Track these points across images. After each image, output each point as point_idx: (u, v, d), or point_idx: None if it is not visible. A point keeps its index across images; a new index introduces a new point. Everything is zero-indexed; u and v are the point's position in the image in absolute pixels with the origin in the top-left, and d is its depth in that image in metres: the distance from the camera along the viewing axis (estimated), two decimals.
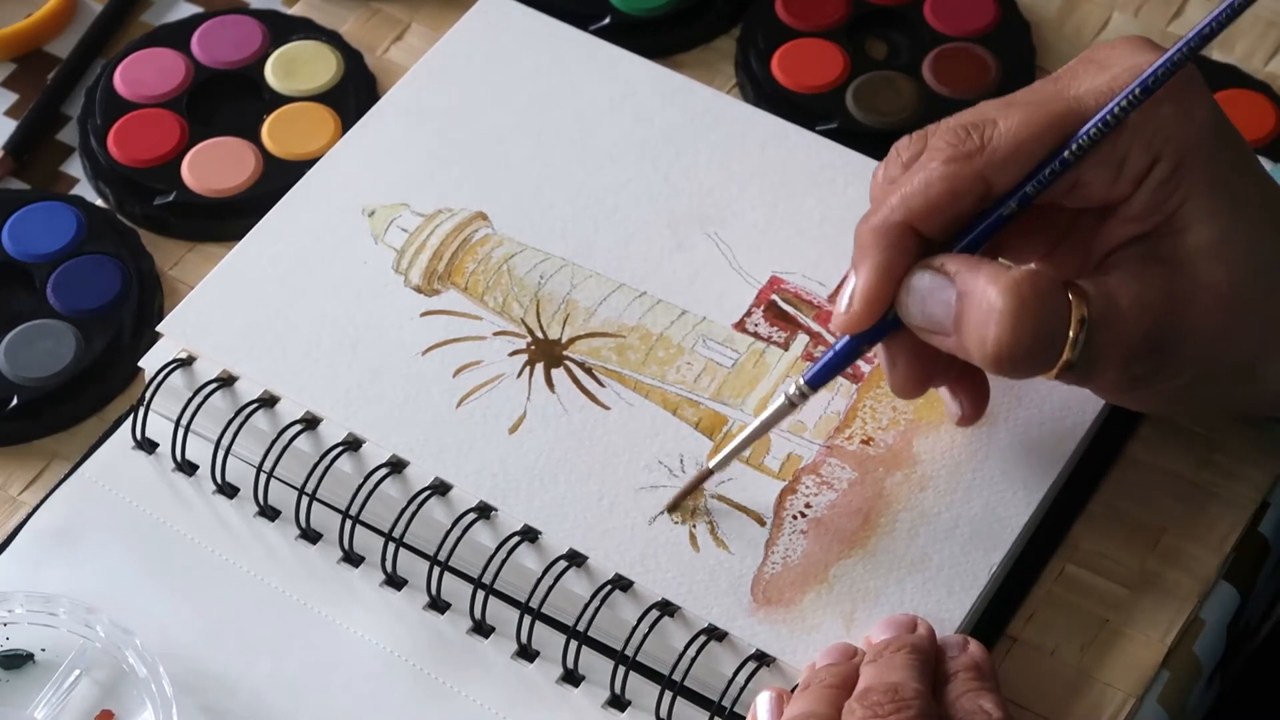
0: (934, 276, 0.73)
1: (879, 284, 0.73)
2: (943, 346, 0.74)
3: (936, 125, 0.74)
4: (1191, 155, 0.72)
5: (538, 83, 0.90)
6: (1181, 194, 0.72)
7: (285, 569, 0.80)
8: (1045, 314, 0.71)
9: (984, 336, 0.71)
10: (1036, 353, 0.72)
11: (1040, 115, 0.73)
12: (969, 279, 0.72)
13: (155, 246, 0.90)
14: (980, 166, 0.73)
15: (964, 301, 0.72)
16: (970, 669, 0.73)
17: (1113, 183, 0.73)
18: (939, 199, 0.73)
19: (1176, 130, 0.72)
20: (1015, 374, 0.73)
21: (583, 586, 0.77)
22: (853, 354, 0.76)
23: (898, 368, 0.76)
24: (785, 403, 0.77)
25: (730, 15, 0.97)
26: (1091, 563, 0.80)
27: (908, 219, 0.73)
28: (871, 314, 0.74)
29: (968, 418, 0.79)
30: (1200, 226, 0.73)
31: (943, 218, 0.73)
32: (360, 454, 0.80)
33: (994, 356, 0.71)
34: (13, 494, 0.83)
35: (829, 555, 0.77)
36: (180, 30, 0.96)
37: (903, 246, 0.73)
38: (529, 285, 0.84)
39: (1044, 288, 0.71)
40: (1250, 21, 0.97)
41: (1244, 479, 0.82)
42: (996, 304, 0.71)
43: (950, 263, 0.73)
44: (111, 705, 0.77)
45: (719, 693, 0.75)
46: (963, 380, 0.78)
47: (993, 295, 0.71)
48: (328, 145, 0.91)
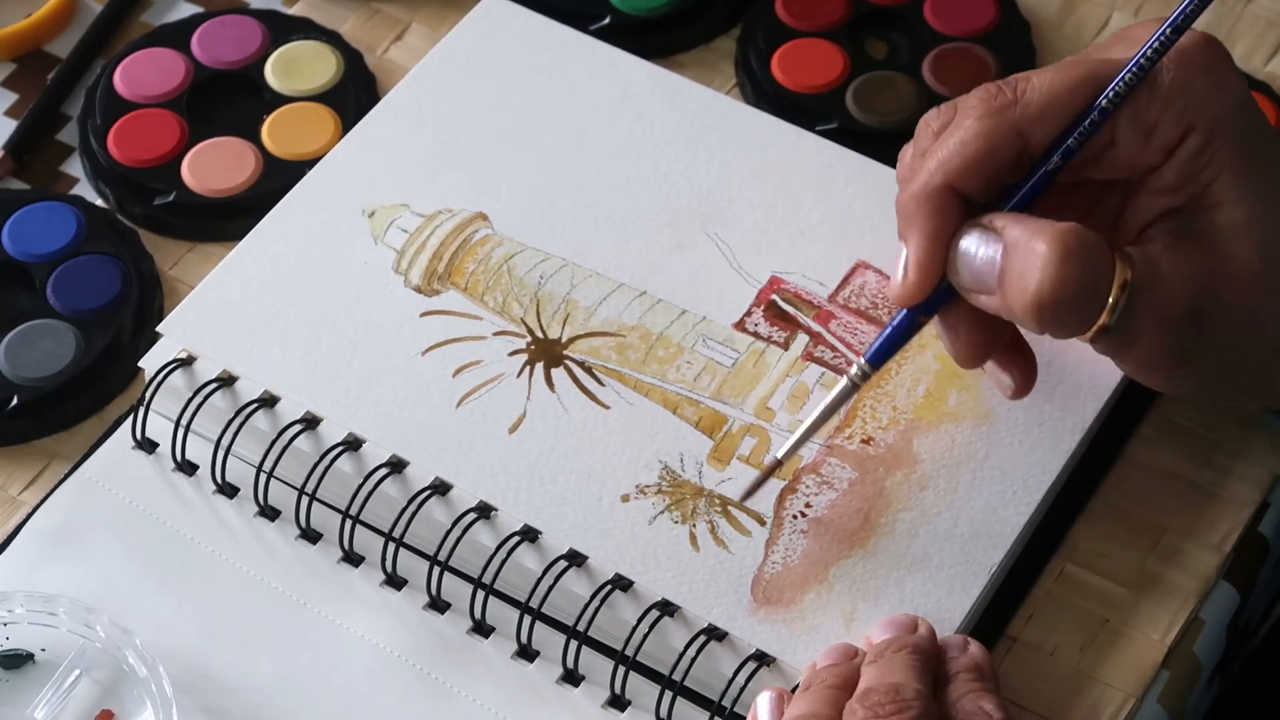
0: (982, 233, 0.72)
1: (929, 249, 0.73)
2: (987, 306, 0.73)
3: (966, 94, 0.74)
4: (1224, 130, 0.72)
5: (538, 84, 0.90)
6: (1214, 169, 0.72)
7: (285, 569, 0.80)
8: (1089, 266, 0.71)
9: (1026, 287, 0.71)
10: (1079, 306, 0.71)
11: (1074, 70, 0.73)
12: (1015, 231, 0.71)
13: (155, 246, 0.90)
14: (1015, 119, 0.72)
15: (1009, 253, 0.71)
16: (971, 669, 0.73)
17: (1142, 147, 0.73)
18: (976, 156, 0.73)
19: (1209, 104, 0.72)
20: (1055, 327, 0.72)
21: (583, 586, 0.77)
22: (912, 327, 0.75)
23: (960, 337, 0.75)
24: (848, 384, 0.76)
25: (730, 15, 0.97)
26: (1091, 563, 0.80)
27: (948, 180, 0.73)
28: (927, 282, 0.73)
29: (1020, 389, 0.78)
30: (1232, 205, 0.73)
31: (982, 175, 0.73)
32: (360, 454, 0.80)
33: (1034, 306, 0.71)
34: (13, 494, 0.83)
35: (829, 555, 0.77)
36: (180, 30, 0.96)
37: (947, 209, 0.73)
38: (529, 285, 0.84)
39: (1091, 240, 0.71)
40: (1250, 21, 0.97)
41: (1244, 479, 0.82)
42: (1042, 251, 0.70)
43: (998, 219, 0.72)
44: (111, 705, 0.77)
45: (719, 693, 0.75)
46: (1011, 352, 0.77)
47: (1039, 245, 0.70)
48: (328, 145, 0.91)
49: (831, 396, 0.76)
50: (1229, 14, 0.98)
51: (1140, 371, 0.76)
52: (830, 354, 0.82)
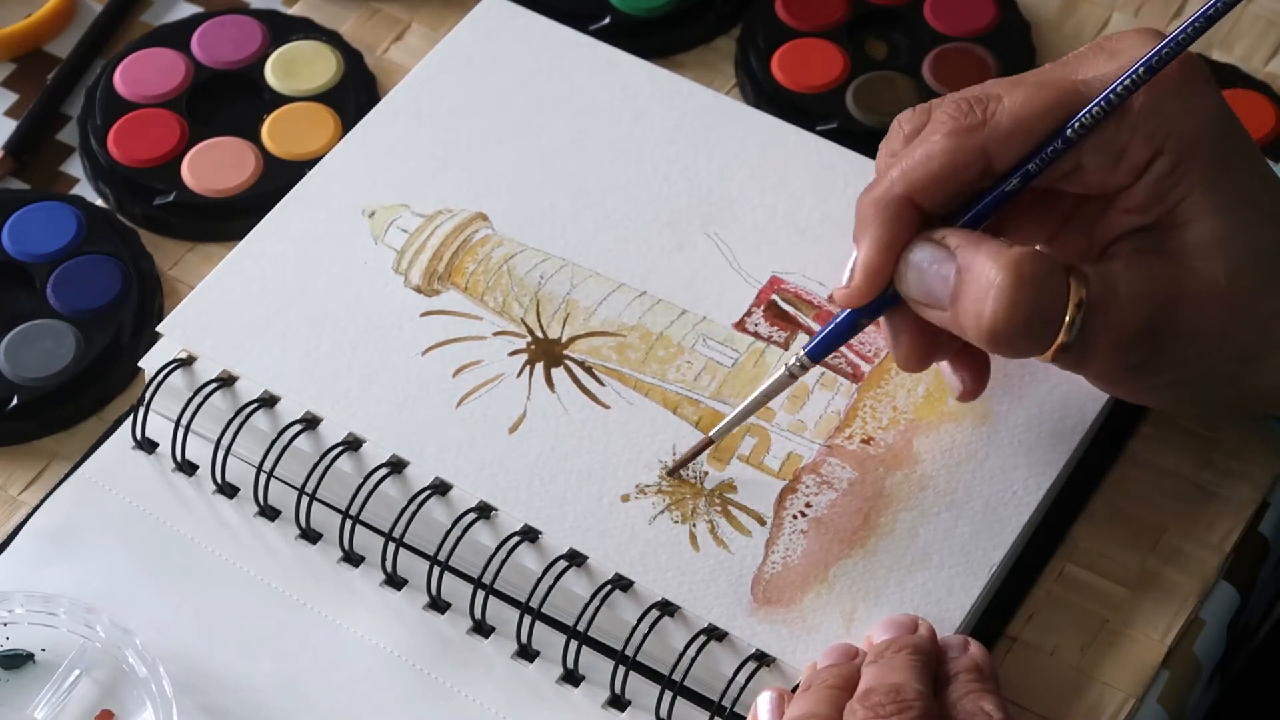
0: (934, 250, 0.73)
1: (879, 257, 0.73)
2: (938, 321, 0.74)
3: (940, 99, 0.74)
4: (1194, 151, 0.72)
5: (538, 84, 0.90)
6: (1183, 189, 0.73)
7: (285, 569, 0.80)
8: (1043, 293, 0.71)
9: (980, 312, 0.71)
10: (1032, 331, 0.72)
11: (1045, 94, 0.73)
12: (969, 254, 0.72)
13: (155, 246, 0.90)
14: (982, 140, 0.73)
15: (962, 276, 0.72)
16: (971, 670, 0.73)
17: (1111, 170, 0.73)
18: (940, 172, 0.73)
19: (1179, 125, 0.72)
20: (1010, 352, 0.73)
21: (583, 586, 0.77)
22: (853, 328, 0.76)
23: (901, 342, 0.76)
24: (785, 374, 0.77)
25: (730, 15, 0.97)
26: (1091, 563, 0.80)
27: (908, 192, 0.73)
28: (872, 287, 0.74)
29: (969, 392, 0.78)
30: (1201, 222, 0.73)
31: (943, 191, 0.73)
32: (360, 454, 0.80)
33: (989, 332, 0.71)
34: (13, 494, 0.83)
35: (829, 555, 0.77)
36: (180, 30, 0.96)
37: (903, 219, 0.73)
38: (529, 285, 0.84)
39: (1043, 267, 0.71)
40: (1250, 21, 0.97)
41: (1244, 479, 0.82)
42: (995, 279, 0.71)
43: (951, 236, 0.73)
44: (111, 705, 0.77)
45: (719, 693, 0.75)
46: (963, 355, 0.78)
47: (991, 271, 0.71)
48: (328, 145, 0.91)
49: (767, 384, 0.77)
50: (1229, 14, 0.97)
51: (1102, 385, 0.77)
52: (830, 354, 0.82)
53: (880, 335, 0.83)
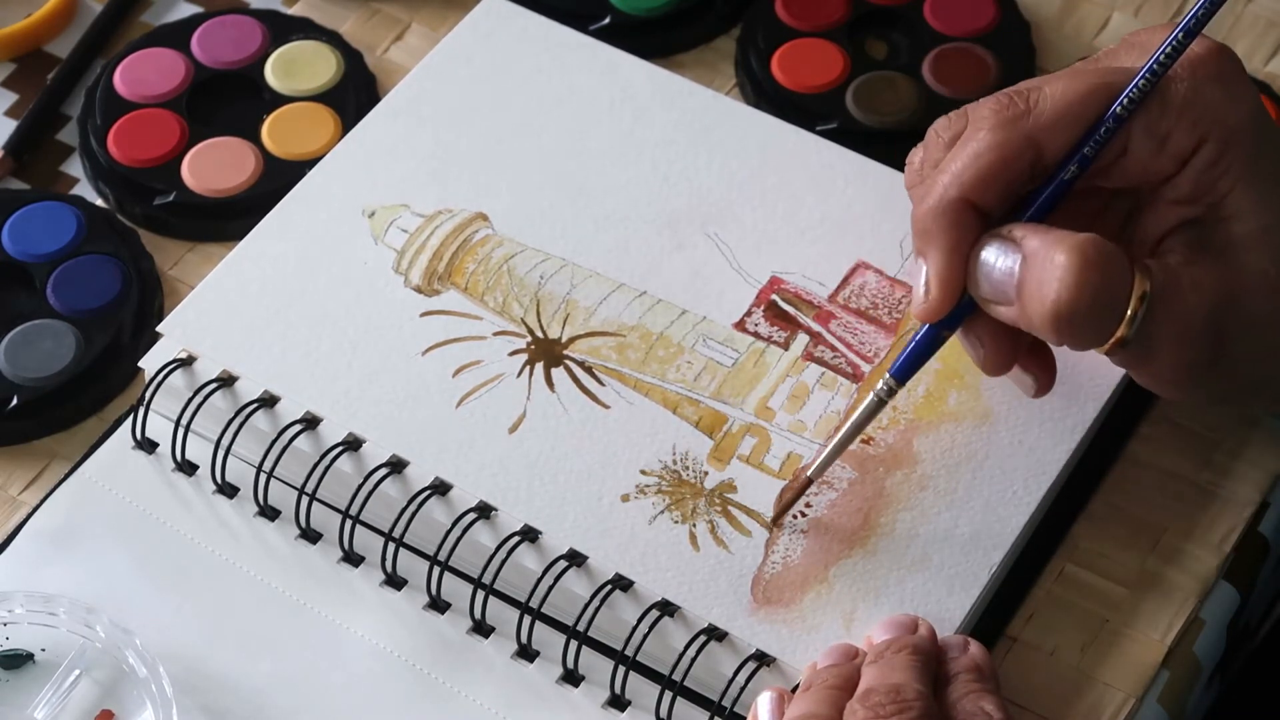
0: (1001, 244, 0.72)
1: (950, 264, 0.73)
2: (1004, 318, 0.73)
3: (976, 103, 0.74)
4: (1238, 140, 0.72)
5: (538, 84, 0.90)
6: (1230, 179, 0.72)
7: (285, 569, 0.80)
8: (1108, 276, 0.70)
9: (1045, 296, 0.70)
10: (1096, 317, 0.71)
11: (1085, 79, 0.73)
12: (1034, 241, 0.71)
13: (155, 246, 0.90)
14: (1029, 129, 0.72)
15: (1028, 264, 0.71)
16: (971, 670, 0.73)
17: (1156, 156, 0.73)
18: (990, 168, 0.72)
19: (1223, 113, 0.72)
20: (1073, 339, 0.72)
21: (583, 586, 0.77)
22: (935, 342, 0.75)
23: (985, 348, 0.75)
24: (875, 400, 0.76)
25: (730, 15, 0.97)
26: (1091, 563, 0.80)
27: (963, 194, 0.73)
28: (950, 297, 0.73)
29: (1043, 388, 0.77)
30: (1248, 214, 0.73)
31: (997, 187, 0.73)
32: (360, 454, 0.80)
33: (1053, 315, 0.71)
34: (13, 494, 0.83)
35: (829, 555, 0.77)
36: (180, 30, 0.96)
37: (964, 223, 0.73)
38: (529, 285, 0.84)
39: (1110, 251, 0.71)
40: (1250, 21, 0.97)
41: (1244, 479, 0.82)
42: (1061, 261, 0.70)
43: (1018, 229, 0.72)
44: (111, 705, 0.77)
45: (719, 693, 0.75)
46: (1031, 352, 0.77)
47: (1058, 254, 0.70)
48: (328, 145, 0.91)
49: (859, 412, 0.76)
50: (1229, 14, 0.98)
51: (1159, 384, 0.76)
52: (830, 354, 0.82)
53: (882, 335, 0.83)
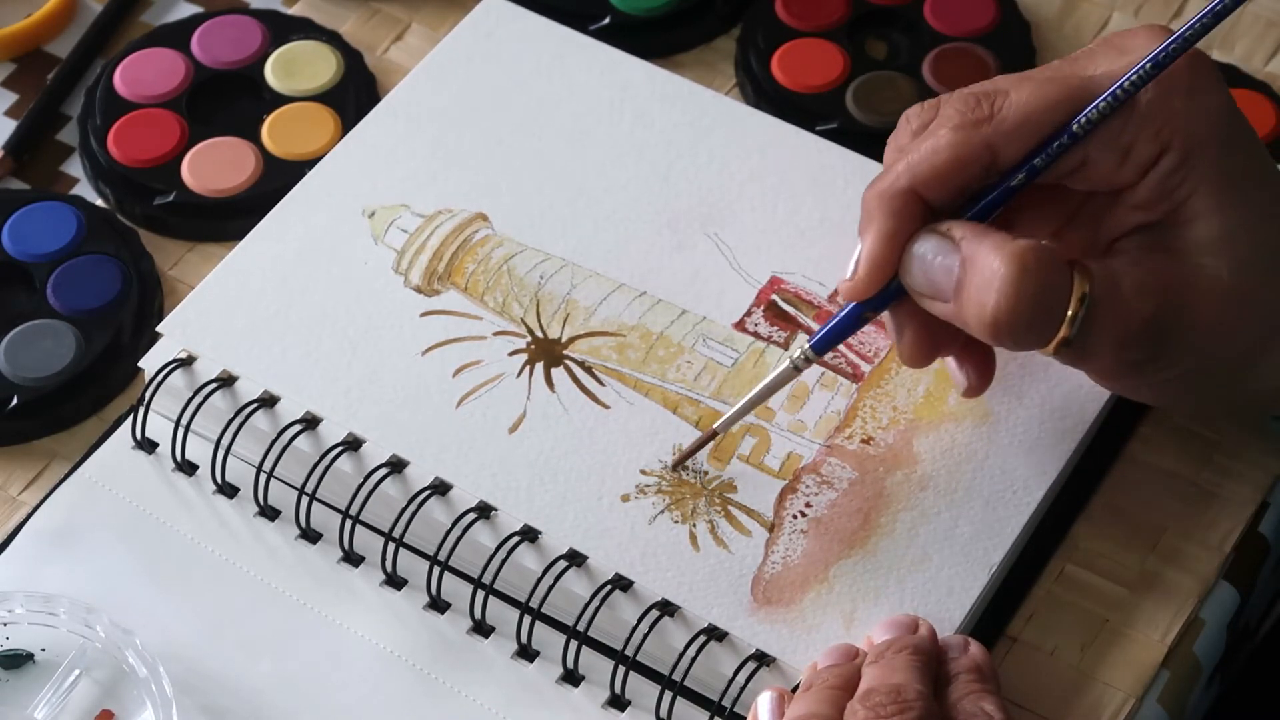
0: (939, 241, 0.73)
1: (884, 250, 0.73)
2: (941, 314, 0.74)
3: (949, 94, 0.74)
4: (1201, 148, 0.72)
5: (538, 84, 0.90)
6: (1189, 186, 0.73)
7: (285, 569, 0.80)
8: (1047, 284, 0.71)
9: (984, 302, 0.71)
10: (1035, 323, 0.72)
11: (1052, 89, 0.73)
12: (974, 245, 0.72)
13: (155, 246, 0.90)
14: (988, 135, 0.73)
15: (967, 267, 0.72)
16: (972, 670, 0.73)
17: (1117, 167, 0.73)
18: (945, 166, 0.73)
19: (1187, 122, 0.72)
20: (1012, 344, 0.73)
21: (583, 586, 0.77)
22: (857, 321, 0.76)
23: (905, 336, 0.76)
24: (790, 366, 0.77)
25: (730, 15, 0.97)
26: (1091, 563, 0.80)
27: (913, 185, 0.73)
28: (876, 280, 0.74)
29: (974, 388, 0.78)
30: (1206, 220, 0.73)
31: (948, 185, 0.73)
32: (360, 454, 0.80)
33: (992, 323, 0.71)
34: (13, 494, 0.83)
35: (829, 555, 0.77)
36: (180, 30, 0.96)
37: (908, 213, 0.73)
38: (529, 285, 0.84)
39: (1047, 259, 0.71)
40: (1250, 21, 0.97)
41: (1244, 479, 0.82)
42: (999, 270, 0.71)
43: (957, 228, 0.73)
44: (111, 705, 0.77)
45: (719, 693, 0.75)
46: (968, 350, 0.78)
47: (996, 262, 0.71)
48: (328, 145, 0.91)
49: (771, 377, 0.77)
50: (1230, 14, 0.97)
51: (1103, 381, 0.77)
52: (830, 354, 0.82)
53: (881, 335, 0.83)
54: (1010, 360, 0.82)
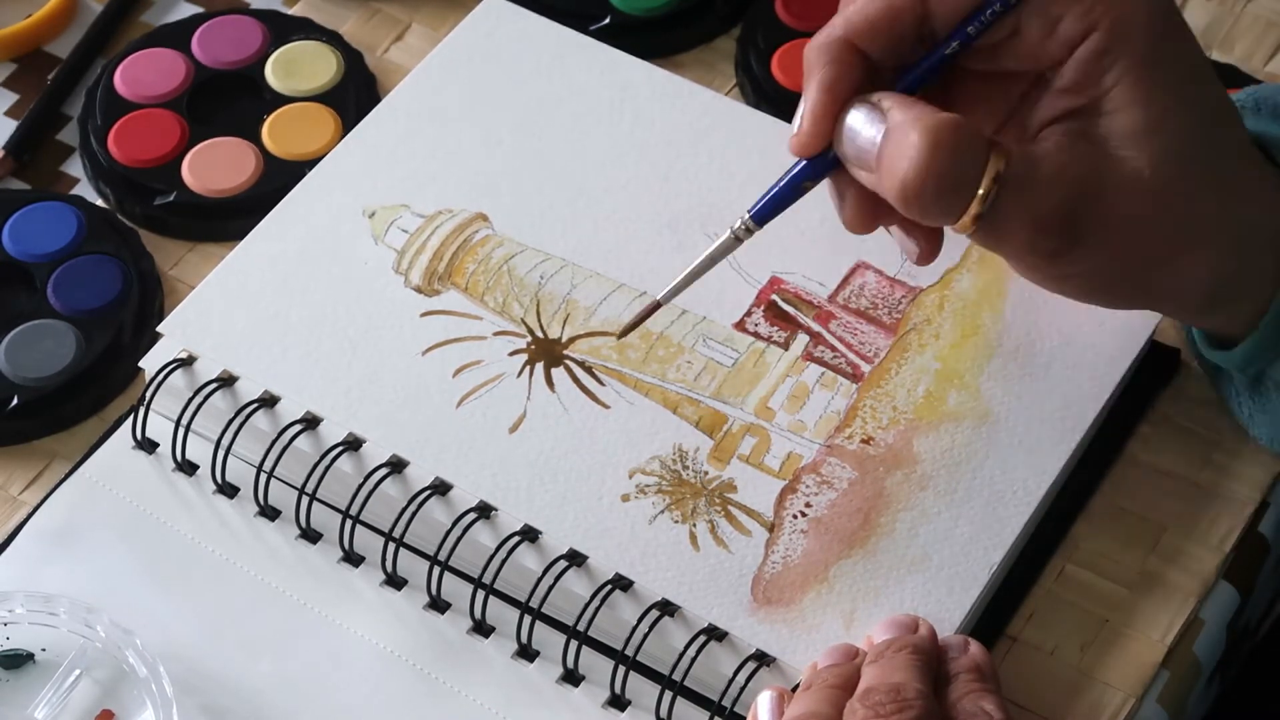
0: (868, 111, 0.73)
1: (823, 99, 0.74)
2: (867, 183, 0.74)
3: None
4: (1127, 35, 0.73)
5: (538, 85, 0.90)
6: (1115, 75, 0.73)
7: (285, 569, 0.80)
8: (957, 159, 0.72)
9: (896, 171, 0.72)
10: (944, 196, 0.72)
11: None
12: (898, 114, 0.73)
13: (155, 246, 0.90)
14: None
15: (888, 137, 0.72)
16: (972, 670, 0.73)
17: (1045, 39, 0.73)
18: (877, 17, 0.74)
19: (1115, 6, 0.72)
20: (922, 215, 0.73)
21: (583, 586, 0.77)
22: (796, 190, 0.76)
23: (846, 203, 0.76)
24: (731, 236, 0.77)
25: (730, 15, 0.97)
26: (1091, 563, 0.80)
27: (848, 35, 0.74)
28: (819, 132, 0.74)
29: (925, 255, 0.78)
30: (1130, 110, 0.73)
31: (883, 36, 0.74)
32: (360, 454, 0.80)
33: (901, 192, 0.72)
34: (13, 494, 0.83)
35: (829, 555, 0.77)
36: (180, 30, 0.96)
37: (845, 62, 0.74)
38: (529, 285, 0.84)
39: (963, 134, 0.72)
40: (1250, 21, 0.97)
41: (1244, 479, 0.82)
42: (913, 140, 0.71)
43: (886, 99, 0.73)
44: (111, 705, 0.77)
45: (719, 693, 0.75)
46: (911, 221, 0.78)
47: (912, 134, 0.72)
48: (328, 145, 0.91)
49: (714, 246, 0.77)
50: (1229, 14, 0.98)
51: (1022, 269, 0.77)
52: (830, 354, 0.82)
53: (882, 335, 0.83)
54: (1010, 360, 0.82)
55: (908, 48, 0.74)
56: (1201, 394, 0.84)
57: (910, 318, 0.83)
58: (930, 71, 0.74)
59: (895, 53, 0.74)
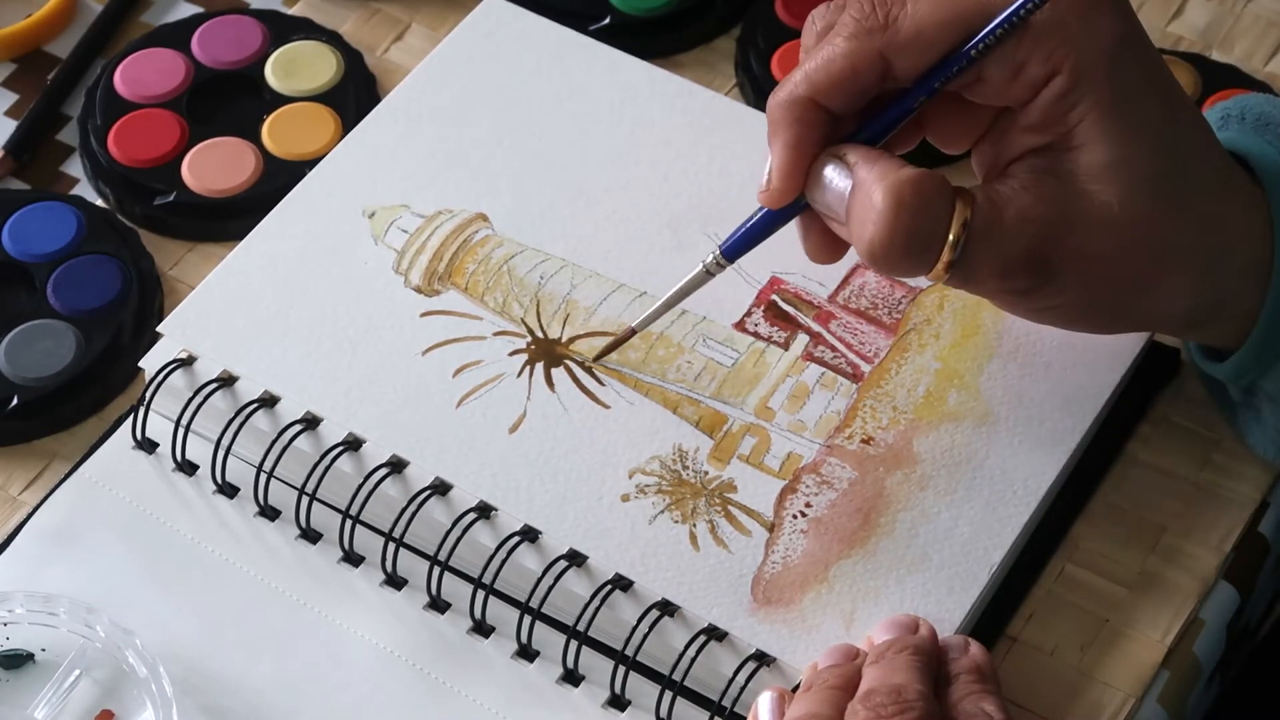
0: (836, 165, 0.74)
1: (790, 159, 0.75)
2: (841, 234, 0.75)
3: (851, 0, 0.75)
4: (1092, 73, 0.73)
5: (538, 85, 0.90)
6: (1080, 111, 0.73)
7: (285, 569, 0.80)
8: (922, 218, 0.72)
9: (863, 233, 0.72)
10: (911, 255, 0.72)
11: (949, 7, 0.73)
12: (862, 172, 0.73)
13: (155, 246, 0.90)
14: (881, 45, 0.73)
15: (854, 195, 0.73)
16: (972, 671, 0.73)
17: (1009, 84, 0.73)
18: (840, 75, 0.74)
19: (1079, 45, 0.72)
20: (890, 273, 0.74)
21: (583, 586, 0.77)
22: (769, 227, 0.77)
23: (811, 237, 0.77)
24: (702, 270, 0.78)
25: (730, 15, 0.97)
26: (1091, 563, 0.80)
27: (811, 94, 0.74)
28: (789, 188, 0.75)
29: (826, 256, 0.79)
30: (1096, 146, 0.73)
31: (845, 93, 0.74)
32: (360, 454, 0.80)
33: (869, 254, 0.73)
34: (13, 494, 0.83)
35: (829, 555, 0.77)
36: (180, 30, 0.96)
37: (809, 121, 0.74)
38: (529, 285, 0.84)
39: (927, 191, 0.72)
40: (1250, 21, 0.97)
41: (1244, 479, 0.82)
42: (877, 203, 0.72)
43: (851, 154, 0.74)
44: (111, 705, 0.77)
45: (719, 693, 0.75)
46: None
47: (876, 193, 0.72)
48: (328, 145, 0.91)
49: (685, 280, 0.79)
50: (1229, 14, 0.98)
51: (998, 304, 0.78)
52: (830, 354, 0.82)
53: (882, 335, 0.83)
54: (1010, 360, 0.82)
55: (871, 100, 0.75)
56: (1201, 394, 0.84)
57: (910, 318, 0.83)
58: (892, 123, 0.75)
59: (861, 104, 0.75)
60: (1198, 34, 0.97)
